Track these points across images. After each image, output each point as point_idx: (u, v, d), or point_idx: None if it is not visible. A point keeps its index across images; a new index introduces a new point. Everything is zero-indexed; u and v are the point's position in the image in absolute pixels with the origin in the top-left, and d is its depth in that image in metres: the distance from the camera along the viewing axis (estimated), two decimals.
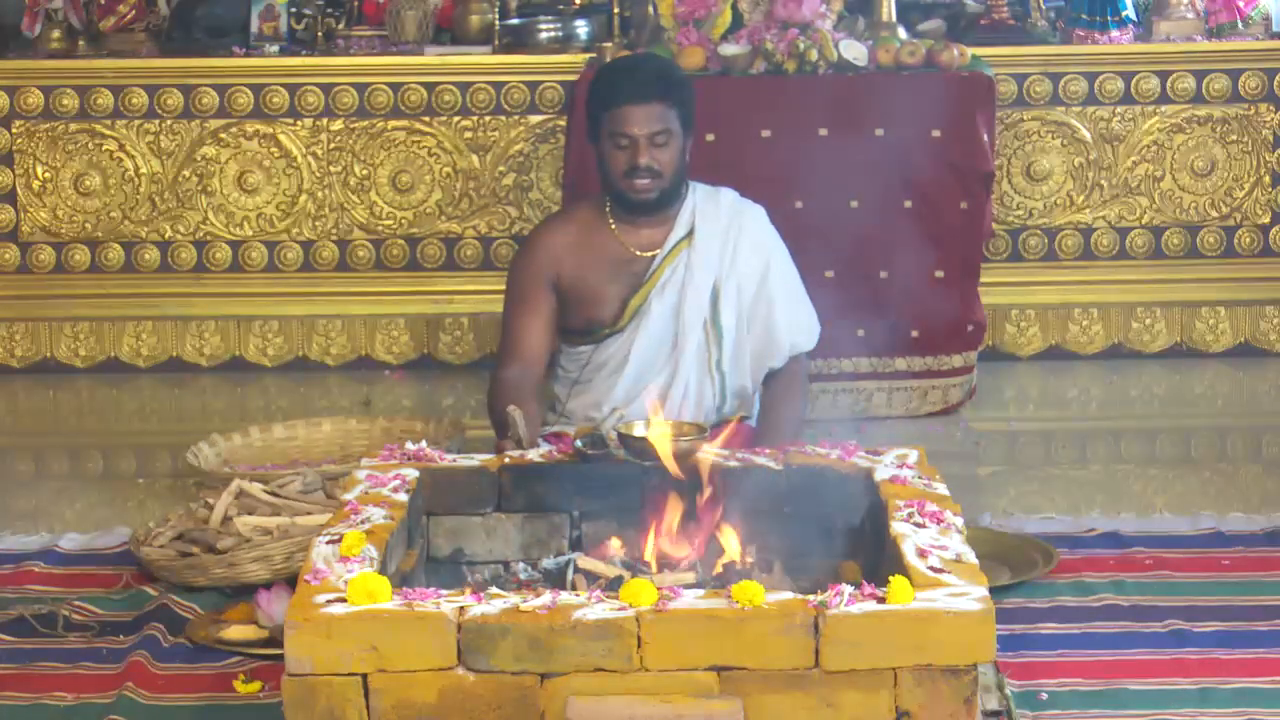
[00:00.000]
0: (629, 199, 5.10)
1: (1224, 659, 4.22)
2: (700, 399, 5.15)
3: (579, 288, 5.16)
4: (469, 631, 3.52)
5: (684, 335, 5.14)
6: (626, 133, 5.03)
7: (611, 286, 5.16)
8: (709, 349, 5.16)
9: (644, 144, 5.02)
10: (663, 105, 5.05)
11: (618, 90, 5.06)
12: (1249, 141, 6.97)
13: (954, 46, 6.48)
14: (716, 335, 5.16)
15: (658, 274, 5.15)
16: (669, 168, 5.07)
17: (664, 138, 5.04)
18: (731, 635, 3.51)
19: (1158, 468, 5.92)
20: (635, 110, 5.02)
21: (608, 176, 5.11)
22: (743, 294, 5.17)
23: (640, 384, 5.13)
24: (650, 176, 5.05)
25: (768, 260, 5.20)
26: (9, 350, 7.07)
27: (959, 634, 3.50)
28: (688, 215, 5.18)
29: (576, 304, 5.17)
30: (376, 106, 6.99)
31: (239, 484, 4.94)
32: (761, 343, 5.19)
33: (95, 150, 7.03)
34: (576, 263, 5.16)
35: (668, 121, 5.05)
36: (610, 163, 5.08)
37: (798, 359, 5.23)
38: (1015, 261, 7.01)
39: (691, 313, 5.14)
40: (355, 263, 7.07)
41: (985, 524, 5.14)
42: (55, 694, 4.16)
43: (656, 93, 5.05)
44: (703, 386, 5.16)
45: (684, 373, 5.14)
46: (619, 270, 5.16)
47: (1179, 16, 7.08)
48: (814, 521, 4.36)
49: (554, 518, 4.39)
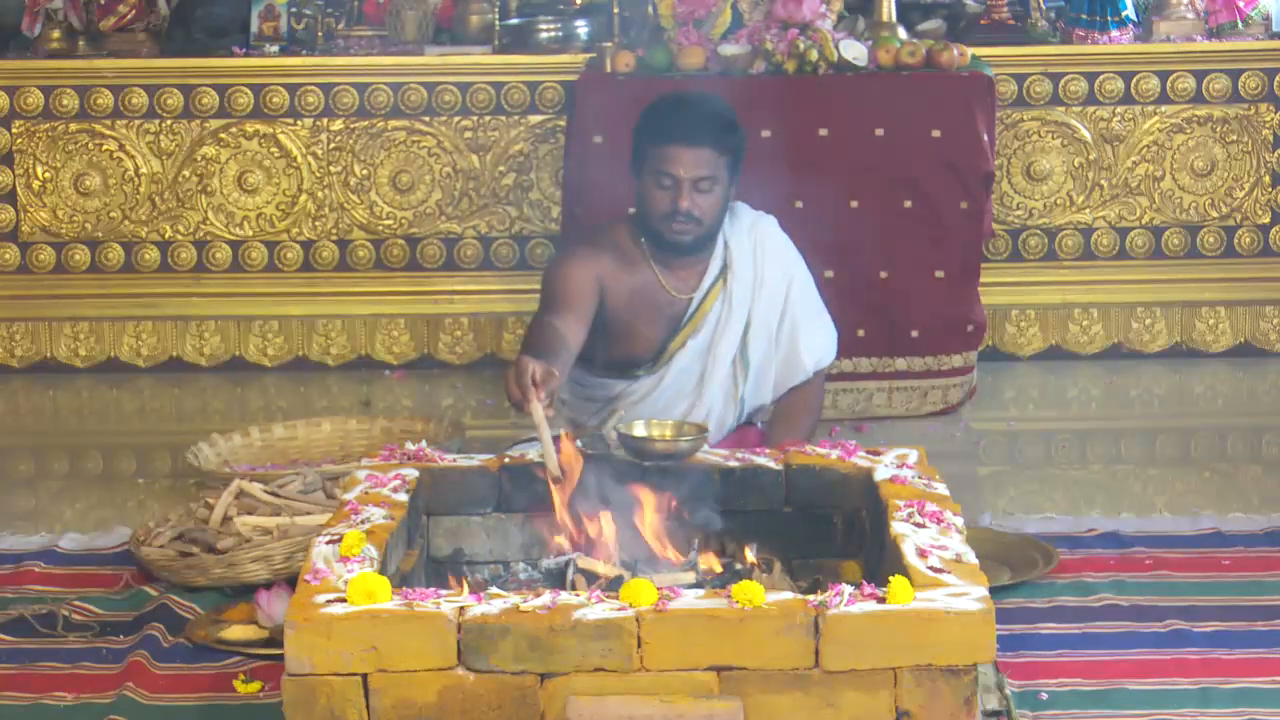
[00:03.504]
0: (665, 239, 4.97)
1: (1224, 659, 4.22)
2: (721, 425, 5.11)
3: (622, 320, 5.01)
4: (469, 631, 3.52)
5: (711, 370, 5.07)
6: (671, 173, 4.87)
7: (651, 327, 5.04)
8: (735, 382, 5.12)
9: (687, 187, 4.87)
10: (713, 151, 4.89)
11: (669, 128, 4.89)
12: (1249, 141, 6.97)
13: (954, 46, 6.48)
14: (744, 368, 5.11)
15: (696, 319, 5.06)
16: (710, 214, 4.93)
17: (709, 184, 4.89)
18: (731, 635, 3.51)
19: (1158, 468, 5.92)
20: (684, 152, 4.86)
21: (646, 213, 4.97)
22: (769, 323, 5.09)
23: (665, 415, 4.96)
24: (690, 221, 4.91)
25: (790, 279, 5.14)
26: (9, 350, 7.07)
27: (959, 634, 3.50)
28: (720, 252, 5.06)
29: (616, 337, 5.03)
30: (376, 106, 6.99)
31: (239, 484, 4.94)
32: (786, 364, 5.14)
33: (95, 150, 7.03)
34: (623, 291, 5.00)
35: (715, 168, 4.89)
36: (650, 200, 4.93)
37: (819, 373, 5.21)
38: (1015, 261, 7.01)
39: (723, 350, 5.07)
40: (355, 263, 7.07)
41: (985, 524, 5.14)
42: (55, 694, 4.16)
43: (708, 137, 4.89)
44: (726, 415, 5.13)
45: (707, 402, 5.09)
46: (659, 311, 5.04)
47: (1179, 16, 7.08)
48: (814, 521, 4.37)
49: (554, 518, 4.39)
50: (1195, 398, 6.69)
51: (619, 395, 5.12)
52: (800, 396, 5.17)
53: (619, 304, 5.00)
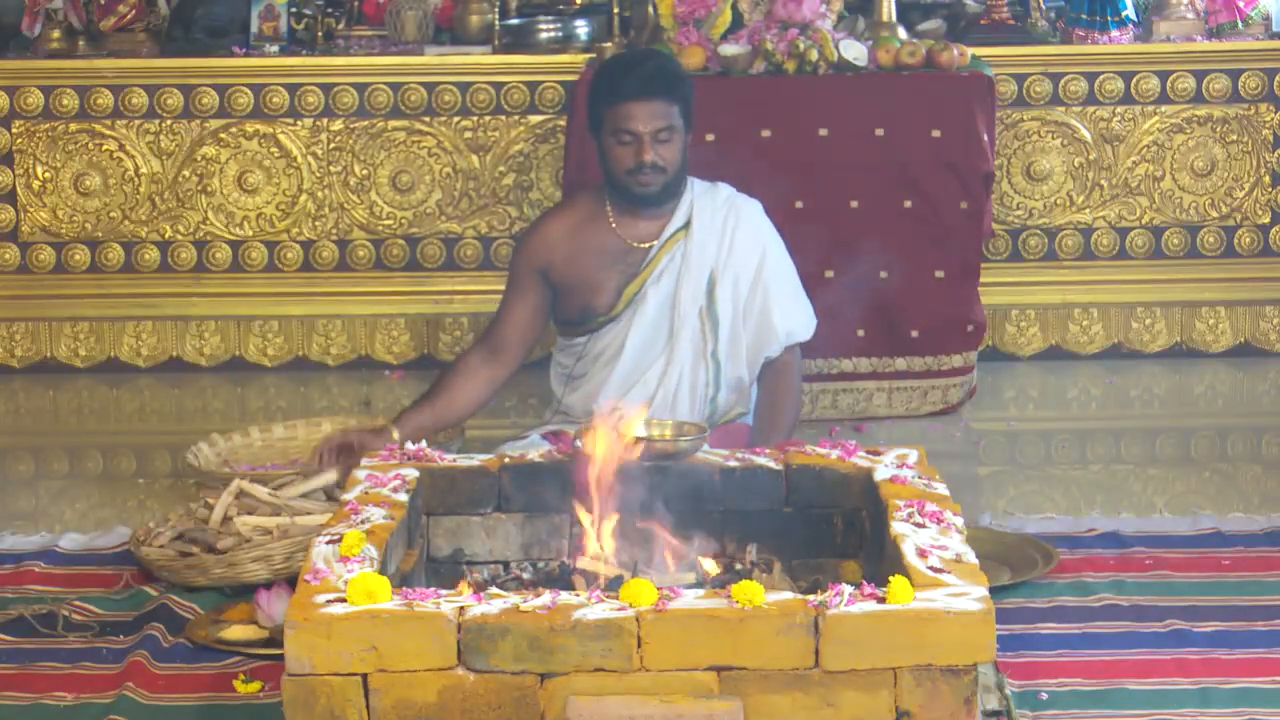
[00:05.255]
0: (632, 193, 5.12)
1: (1224, 659, 4.22)
2: (694, 387, 5.16)
3: (574, 276, 5.18)
4: (469, 631, 3.52)
5: (679, 323, 5.15)
6: (630, 129, 5.05)
7: (607, 275, 5.18)
8: (704, 337, 5.17)
9: (648, 140, 5.04)
10: (665, 102, 5.07)
11: (621, 87, 5.07)
12: (1249, 141, 6.97)
13: (954, 46, 6.48)
14: (712, 323, 5.17)
15: (654, 263, 5.17)
16: (672, 163, 5.09)
17: (667, 134, 5.06)
18: (731, 635, 3.51)
19: (1158, 468, 5.92)
20: (639, 107, 5.04)
21: (611, 172, 5.13)
22: (739, 285, 5.19)
23: (636, 372, 5.15)
24: (654, 172, 5.07)
25: (763, 252, 5.23)
26: (9, 350, 7.07)
27: (959, 634, 3.50)
28: (685, 207, 5.20)
29: (572, 292, 5.20)
30: (376, 106, 6.99)
31: (239, 484, 4.94)
32: (757, 333, 5.19)
33: (95, 150, 7.03)
34: (571, 252, 5.18)
35: (670, 118, 5.07)
36: (613, 159, 5.10)
37: (793, 349, 5.24)
38: (1015, 261, 7.01)
39: (687, 301, 5.15)
40: (355, 263, 7.07)
41: (985, 524, 5.14)
42: (55, 694, 4.16)
43: (660, 89, 5.07)
44: (697, 374, 5.17)
45: (679, 360, 5.15)
46: (615, 260, 5.18)
47: (1179, 16, 7.08)
48: (814, 521, 4.37)
49: (554, 518, 4.39)
50: (1195, 398, 6.69)
51: (587, 352, 5.23)
52: (778, 383, 5.21)
53: (577, 259, 5.18)
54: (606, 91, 5.12)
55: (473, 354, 5.25)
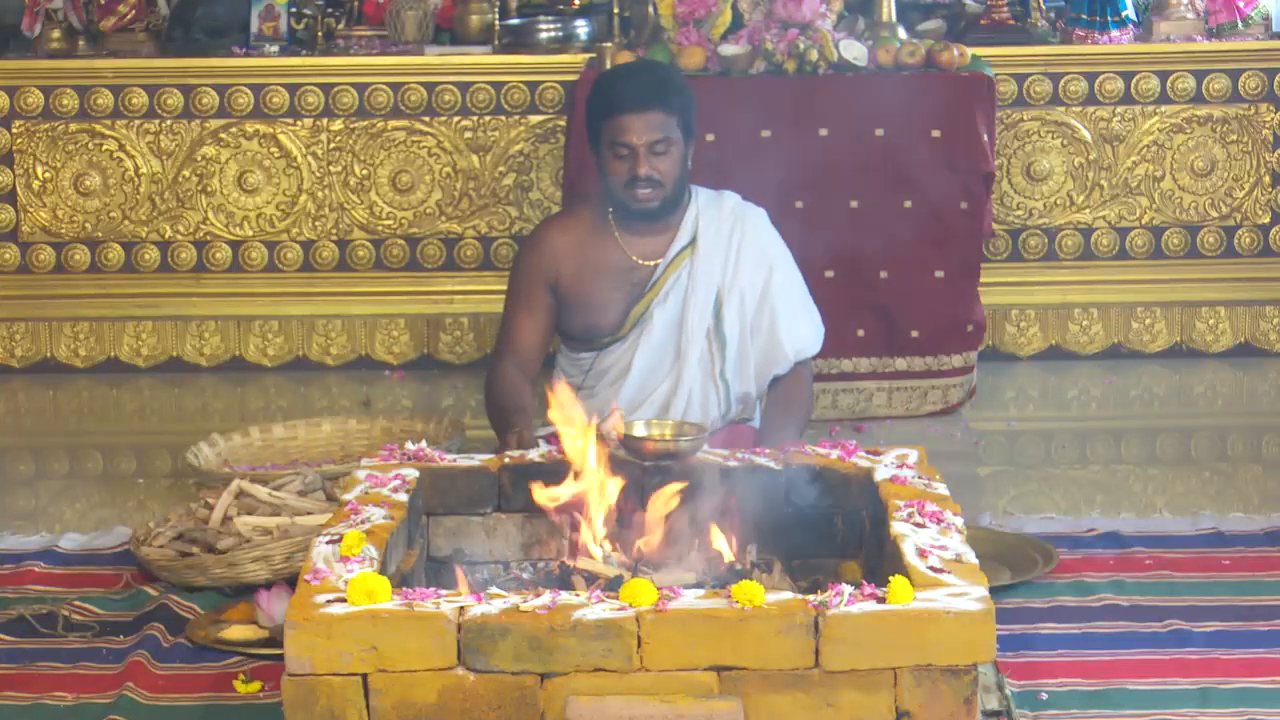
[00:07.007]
0: (631, 208, 5.05)
1: (1224, 659, 4.22)
2: (705, 408, 5.11)
3: (579, 292, 5.12)
4: (469, 631, 3.52)
5: (687, 345, 5.10)
6: (626, 142, 4.96)
7: (613, 294, 5.12)
8: (712, 358, 5.13)
9: (644, 153, 4.96)
10: (662, 113, 4.98)
11: (615, 99, 5.00)
12: (1249, 141, 6.97)
13: (954, 46, 6.48)
14: (720, 345, 5.12)
15: (660, 283, 5.11)
16: (670, 176, 5.01)
17: (664, 146, 4.98)
18: (731, 635, 3.51)
19: (1158, 468, 5.92)
20: (634, 119, 4.96)
21: (609, 186, 5.05)
22: (745, 304, 5.12)
23: (644, 393, 5.09)
24: (651, 186, 4.99)
25: (770, 268, 5.15)
26: (9, 350, 7.07)
27: (959, 634, 3.50)
28: (690, 222, 5.13)
29: (576, 309, 5.14)
30: (376, 106, 6.99)
31: (239, 484, 4.94)
32: (765, 351, 5.14)
33: (95, 150, 7.03)
34: (577, 267, 5.11)
35: (667, 129, 4.98)
36: (611, 172, 5.02)
37: (803, 364, 5.20)
38: (1015, 261, 7.01)
39: (694, 323, 5.10)
40: (355, 263, 7.07)
41: (985, 524, 5.14)
42: (55, 694, 4.16)
43: (655, 100, 4.98)
44: (707, 395, 5.13)
45: (688, 382, 5.10)
46: (621, 278, 5.11)
47: (1179, 16, 7.08)
48: (814, 521, 4.36)
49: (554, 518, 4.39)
50: (1195, 398, 6.69)
51: (593, 368, 5.18)
52: (787, 391, 5.16)
53: (583, 275, 5.10)
54: (601, 105, 5.04)
55: (506, 367, 5.08)
